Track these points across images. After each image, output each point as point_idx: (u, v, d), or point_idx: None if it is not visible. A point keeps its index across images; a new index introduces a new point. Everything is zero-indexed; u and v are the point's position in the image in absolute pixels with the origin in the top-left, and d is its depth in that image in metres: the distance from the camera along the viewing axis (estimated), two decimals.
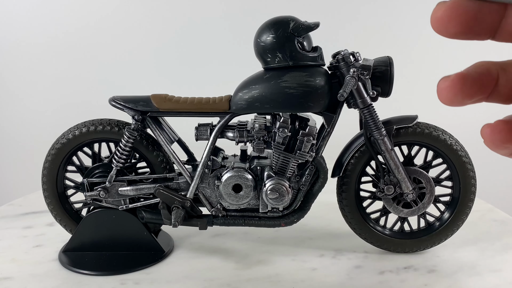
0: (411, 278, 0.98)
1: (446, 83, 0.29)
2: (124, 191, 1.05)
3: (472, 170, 1.04)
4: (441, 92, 0.30)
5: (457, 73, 0.30)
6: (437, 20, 0.28)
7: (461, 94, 0.29)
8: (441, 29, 0.29)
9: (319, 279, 0.98)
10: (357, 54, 0.96)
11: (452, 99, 0.29)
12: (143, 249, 1.08)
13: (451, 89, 0.29)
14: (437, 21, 0.28)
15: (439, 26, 0.29)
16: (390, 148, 0.99)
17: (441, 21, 0.28)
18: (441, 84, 0.30)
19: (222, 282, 0.97)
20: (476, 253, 1.09)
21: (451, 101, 0.30)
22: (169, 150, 1.04)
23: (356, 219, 1.08)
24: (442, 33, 0.29)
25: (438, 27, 0.29)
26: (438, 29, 0.29)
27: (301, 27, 0.92)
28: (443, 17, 0.28)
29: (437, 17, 0.28)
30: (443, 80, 0.30)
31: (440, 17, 0.28)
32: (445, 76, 0.30)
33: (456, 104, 0.30)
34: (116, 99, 1.03)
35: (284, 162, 1.00)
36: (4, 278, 0.99)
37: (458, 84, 0.29)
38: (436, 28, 0.29)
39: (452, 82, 0.29)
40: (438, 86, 0.30)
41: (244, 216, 1.06)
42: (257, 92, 0.96)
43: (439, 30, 0.29)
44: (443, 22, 0.28)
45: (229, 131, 1.03)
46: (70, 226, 1.11)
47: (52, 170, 1.07)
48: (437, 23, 0.29)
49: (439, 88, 0.30)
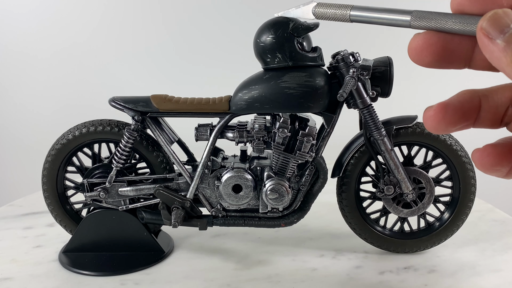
0: (411, 278, 0.98)
1: (430, 113, 0.32)
2: (124, 191, 1.05)
3: (472, 170, 1.04)
4: (426, 121, 0.32)
5: (439, 103, 0.32)
6: (412, 50, 0.32)
7: (444, 122, 0.31)
8: (416, 58, 0.32)
9: (319, 279, 0.98)
10: (357, 54, 0.96)
11: (436, 127, 0.32)
12: (143, 250, 1.08)
13: (434, 118, 0.32)
14: (412, 51, 0.32)
15: (415, 56, 0.32)
16: (390, 148, 0.99)
17: (415, 51, 0.31)
18: (425, 114, 0.32)
19: (222, 282, 0.97)
20: (476, 253, 1.09)
21: (436, 129, 0.32)
22: (169, 150, 1.04)
23: (356, 219, 1.08)
24: (418, 62, 0.32)
25: (413, 57, 0.32)
26: (414, 58, 0.32)
27: (301, 28, 0.92)
28: (416, 47, 0.31)
29: (412, 47, 0.32)
30: (427, 110, 0.32)
31: (414, 48, 0.31)
32: (429, 106, 0.32)
33: (441, 131, 0.32)
34: (116, 100, 1.03)
35: (284, 163, 1.00)
36: (4, 278, 0.99)
37: (440, 113, 0.31)
38: (412, 58, 0.32)
39: (434, 112, 0.32)
40: (424, 115, 0.32)
41: (244, 217, 1.06)
42: (256, 93, 0.96)
43: (414, 59, 0.32)
44: (417, 52, 0.31)
45: (229, 132, 1.03)
46: (70, 226, 1.11)
47: (52, 170, 1.07)
48: (412, 53, 0.32)
49: (424, 117, 0.32)
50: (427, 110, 0.32)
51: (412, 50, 0.32)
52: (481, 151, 0.31)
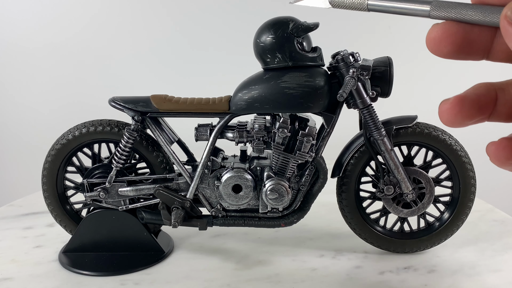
0: (411, 278, 0.98)
1: (446, 106, 0.31)
2: (124, 191, 1.05)
3: (472, 170, 1.04)
4: (442, 114, 0.32)
5: (456, 96, 0.31)
6: (431, 41, 0.31)
7: (460, 115, 0.31)
8: (435, 48, 0.31)
9: (319, 279, 0.98)
10: (357, 54, 0.96)
11: (452, 121, 0.31)
12: (143, 250, 1.08)
13: (451, 111, 0.31)
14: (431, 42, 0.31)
15: (433, 46, 0.31)
16: (389, 148, 0.99)
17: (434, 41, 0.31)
18: (441, 107, 0.32)
19: (222, 282, 0.97)
20: (476, 253, 1.09)
21: (452, 123, 0.31)
22: (169, 150, 1.04)
23: (356, 219, 1.08)
24: (436, 52, 0.31)
25: (432, 47, 0.31)
26: (432, 48, 0.31)
27: (301, 28, 0.92)
28: (435, 37, 0.31)
29: (431, 37, 0.31)
30: (443, 102, 0.32)
31: (433, 38, 0.31)
32: (445, 99, 0.32)
33: (457, 125, 0.31)
34: (115, 100, 1.03)
35: (283, 163, 1.00)
36: (4, 278, 0.99)
37: (457, 106, 0.31)
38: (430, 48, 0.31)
39: (451, 105, 0.31)
40: (439, 109, 0.32)
41: (244, 217, 1.06)
42: (256, 93, 0.96)
43: (433, 49, 0.31)
44: (435, 42, 0.31)
45: (229, 132, 1.03)
46: (70, 226, 1.11)
47: (52, 170, 1.07)
48: (431, 43, 0.31)
49: (440, 110, 0.32)
50: (443, 103, 0.32)
51: (431, 40, 0.31)
52: (496, 144, 0.31)
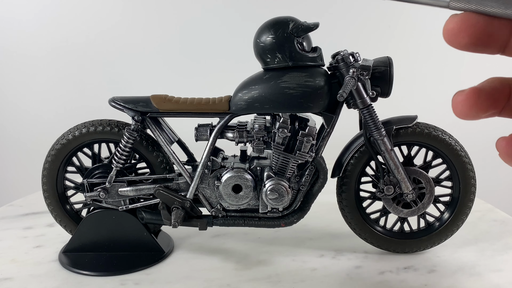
0: (411, 278, 0.98)
1: (461, 97, 0.30)
2: (124, 191, 1.05)
3: (472, 170, 1.04)
4: (457, 106, 0.31)
5: (472, 87, 0.30)
6: (449, 32, 0.30)
7: (475, 107, 0.30)
8: (452, 40, 0.30)
9: (319, 279, 0.98)
10: (357, 54, 0.96)
11: (467, 113, 0.30)
12: (143, 250, 1.08)
13: (466, 103, 0.30)
14: (449, 33, 0.30)
15: (450, 37, 0.30)
16: (389, 148, 0.99)
17: (452, 33, 0.30)
18: (456, 98, 0.31)
19: (222, 282, 0.97)
20: (476, 253, 1.09)
21: (466, 115, 0.30)
22: (169, 150, 1.04)
23: (356, 219, 1.08)
24: (453, 44, 0.30)
25: (449, 38, 0.30)
26: (449, 40, 0.30)
27: (301, 28, 0.92)
28: (454, 28, 0.30)
29: (449, 28, 0.30)
30: (458, 94, 0.31)
31: (451, 29, 0.30)
32: (460, 90, 0.31)
33: (471, 117, 0.31)
34: (115, 100, 1.03)
35: (283, 163, 1.00)
36: (4, 278, 0.99)
37: (472, 98, 0.30)
38: (448, 39, 0.30)
39: (466, 96, 0.30)
40: (453, 100, 0.31)
41: (244, 217, 1.06)
42: (256, 93, 0.96)
43: (450, 41, 0.30)
44: (453, 33, 0.30)
45: (229, 132, 1.03)
46: (70, 226, 1.11)
47: (52, 170, 1.07)
48: (449, 34, 0.30)
49: (454, 101, 0.31)
50: (458, 95, 0.31)
51: (449, 31, 0.30)
52: (507, 139, 0.30)
